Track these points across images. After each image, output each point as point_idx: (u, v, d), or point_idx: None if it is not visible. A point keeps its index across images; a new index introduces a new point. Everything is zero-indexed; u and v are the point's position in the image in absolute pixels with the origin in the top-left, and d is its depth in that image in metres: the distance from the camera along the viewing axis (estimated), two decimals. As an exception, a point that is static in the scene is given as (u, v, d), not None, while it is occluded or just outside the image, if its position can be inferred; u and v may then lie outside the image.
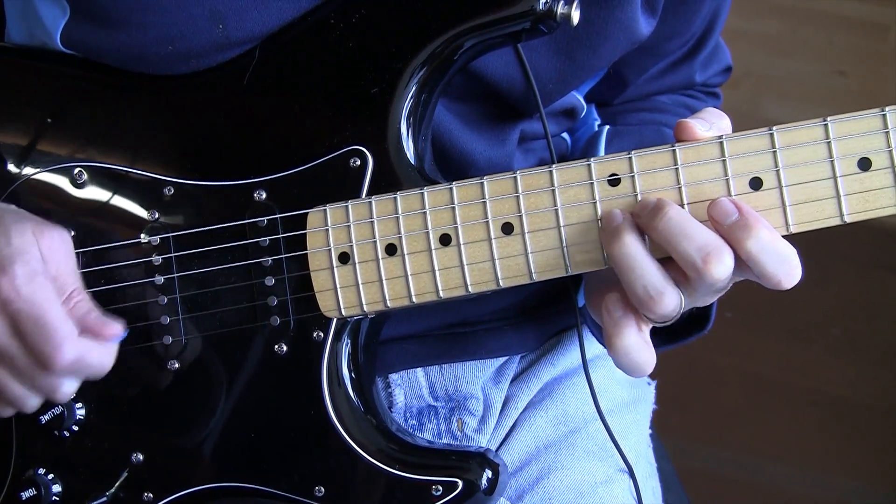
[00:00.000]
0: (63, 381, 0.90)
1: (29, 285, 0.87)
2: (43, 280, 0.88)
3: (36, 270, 0.88)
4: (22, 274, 0.87)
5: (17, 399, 0.92)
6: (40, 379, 0.90)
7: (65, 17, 0.99)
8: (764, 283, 0.83)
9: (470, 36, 0.92)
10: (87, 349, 0.89)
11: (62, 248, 0.93)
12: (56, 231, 0.93)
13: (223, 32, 0.96)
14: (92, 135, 1.00)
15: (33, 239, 0.90)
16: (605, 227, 0.85)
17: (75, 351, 0.88)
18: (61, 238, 0.93)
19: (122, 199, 0.99)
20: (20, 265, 0.88)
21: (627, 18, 1.00)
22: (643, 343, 0.86)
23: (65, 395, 0.92)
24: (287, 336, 0.95)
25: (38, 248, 0.90)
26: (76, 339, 0.88)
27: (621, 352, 0.85)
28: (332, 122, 0.94)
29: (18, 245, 0.89)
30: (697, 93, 1.27)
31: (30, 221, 0.92)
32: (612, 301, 0.86)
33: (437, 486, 0.92)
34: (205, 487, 0.97)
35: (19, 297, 0.87)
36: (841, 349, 2.60)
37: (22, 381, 0.90)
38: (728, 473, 2.39)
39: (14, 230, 0.90)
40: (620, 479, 1.11)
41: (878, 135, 0.82)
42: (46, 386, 0.90)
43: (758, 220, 0.81)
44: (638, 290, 0.83)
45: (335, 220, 0.93)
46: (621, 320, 0.85)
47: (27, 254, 0.89)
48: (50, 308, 0.88)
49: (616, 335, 0.85)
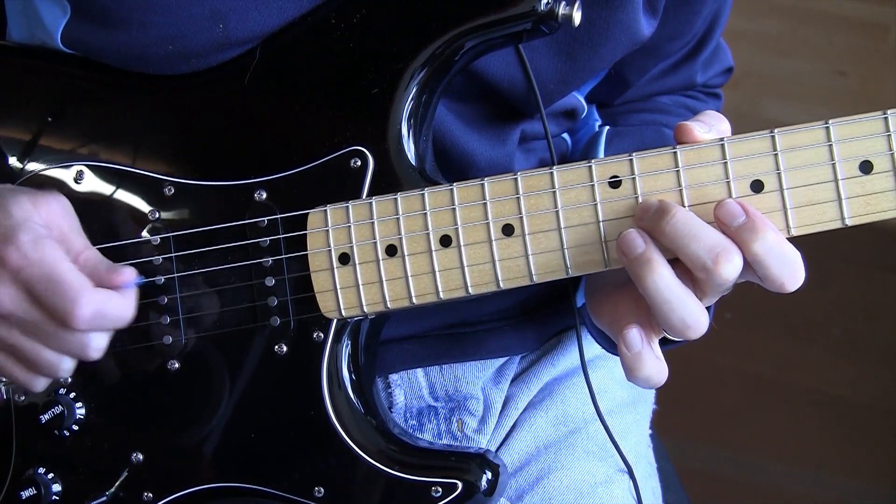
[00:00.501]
0: (90, 337, 0.90)
1: (36, 250, 0.88)
2: (49, 242, 0.89)
3: (40, 235, 0.89)
4: (27, 240, 0.88)
5: (50, 365, 0.92)
6: (67, 339, 0.90)
7: (65, 17, 0.99)
8: (767, 286, 0.83)
9: (471, 36, 0.91)
10: (105, 299, 0.89)
11: (61, 211, 0.93)
12: (52, 196, 0.93)
13: (223, 32, 0.95)
14: (92, 134, 1.00)
15: (32, 208, 0.91)
16: (630, 253, 0.84)
17: (93, 303, 0.88)
18: (58, 202, 0.94)
19: (123, 198, 0.99)
20: (24, 233, 0.88)
21: (629, 19, 1.00)
22: (661, 363, 0.86)
23: (96, 351, 0.91)
24: (287, 337, 0.95)
25: (38, 215, 0.91)
26: (92, 291, 0.88)
27: (643, 381, 0.86)
28: (332, 122, 0.94)
29: (19, 215, 0.90)
30: (698, 93, 1.27)
31: (25, 193, 0.93)
32: (631, 337, 0.86)
33: (437, 488, 0.92)
34: (205, 487, 0.97)
35: (29, 262, 0.87)
36: (841, 349, 2.61)
37: (51, 346, 0.91)
38: (728, 473, 2.39)
39: (12, 203, 0.91)
40: (620, 480, 1.11)
41: (879, 138, 0.82)
42: (76, 345, 0.90)
43: (764, 223, 0.81)
44: (675, 322, 0.83)
45: (335, 221, 0.93)
46: (642, 353, 0.85)
47: (29, 221, 0.90)
48: (61, 267, 0.88)
49: (638, 368, 0.86)
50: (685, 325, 0.83)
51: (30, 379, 0.94)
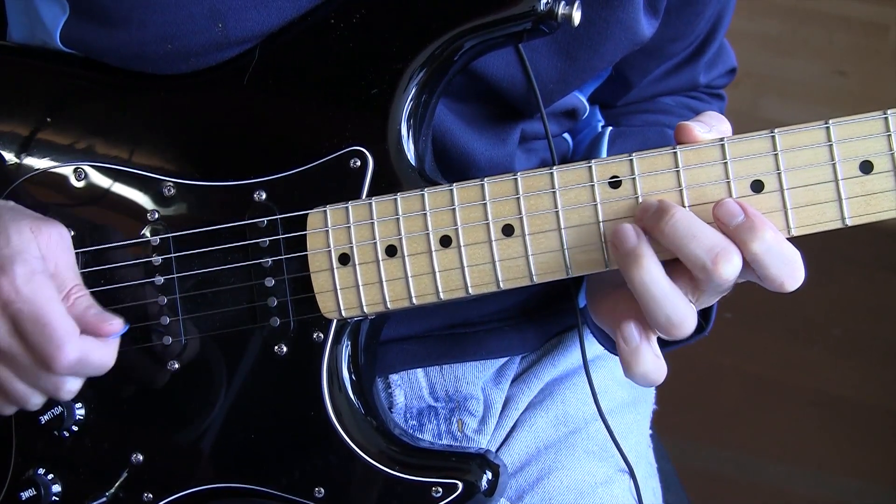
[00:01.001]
0: (66, 380, 0.90)
1: (29, 285, 0.87)
2: (42, 278, 0.88)
3: (35, 269, 0.88)
4: (21, 273, 0.87)
5: (20, 398, 0.92)
6: (43, 378, 0.90)
7: (64, 16, 0.99)
8: (767, 286, 0.83)
9: (471, 36, 0.91)
10: (89, 348, 0.89)
11: (60, 244, 0.93)
12: (54, 227, 0.93)
13: (222, 31, 0.95)
14: (92, 134, 1.00)
15: (31, 236, 0.90)
16: (621, 246, 0.84)
17: (77, 351, 0.88)
18: (59, 234, 0.93)
19: (122, 198, 0.99)
20: (19, 264, 0.88)
21: (629, 19, 0.99)
22: (659, 361, 0.87)
23: (68, 394, 0.91)
24: (287, 337, 0.95)
25: (36, 246, 0.90)
26: (78, 338, 0.88)
27: (641, 376, 0.86)
28: (332, 122, 0.94)
29: (17, 244, 0.89)
30: (702, 94, 1.27)
31: (27, 218, 0.92)
32: (628, 330, 0.86)
33: (437, 488, 0.92)
34: (205, 488, 0.97)
35: (19, 297, 0.87)
36: (841, 349, 2.61)
37: (24, 380, 0.90)
38: (728, 473, 2.39)
39: (12, 228, 0.90)
40: (621, 480, 1.11)
41: (880, 138, 0.82)
42: (49, 385, 0.90)
43: (763, 222, 0.81)
44: (660, 318, 0.83)
45: (335, 221, 0.93)
46: (639, 348, 0.86)
47: (26, 252, 0.89)
48: (51, 308, 0.87)
49: (635, 363, 0.86)
50: (670, 323, 0.83)
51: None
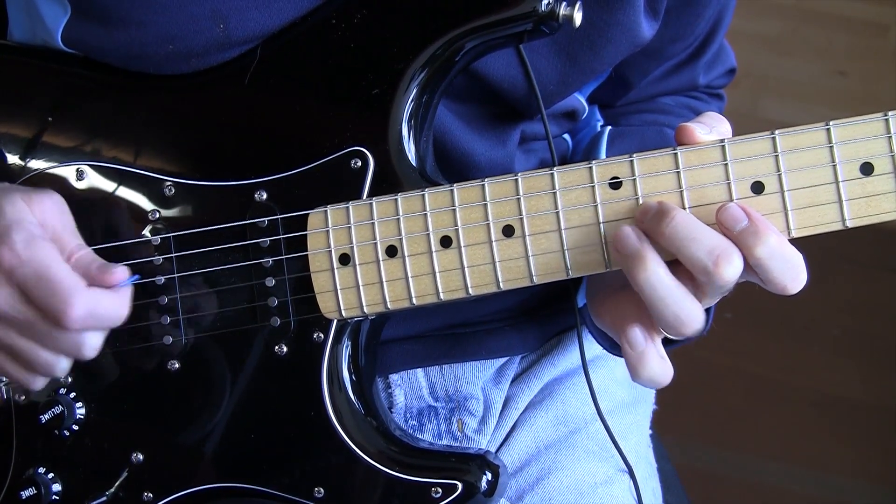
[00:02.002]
0: (85, 336, 0.90)
1: (29, 249, 0.88)
2: (42, 242, 0.89)
3: (34, 234, 0.89)
4: (20, 240, 0.88)
5: (46, 365, 0.92)
6: (62, 339, 0.90)
7: (66, 16, 0.99)
8: (770, 289, 0.83)
9: (471, 37, 0.91)
10: (98, 298, 0.89)
11: (55, 209, 0.93)
12: (46, 194, 0.93)
13: (224, 32, 0.95)
14: (93, 133, 1.00)
15: (25, 206, 0.91)
16: (623, 249, 0.84)
17: (86, 302, 0.88)
18: (52, 200, 0.93)
19: (123, 198, 0.99)
20: (17, 232, 0.88)
21: (629, 21, 0.99)
22: (665, 363, 0.87)
23: (91, 350, 0.91)
24: (287, 337, 0.95)
25: (31, 214, 0.91)
26: (85, 290, 0.88)
27: (648, 379, 0.86)
28: (333, 122, 0.94)
29: (12, 215, 0.90)
30: (701, 94, 1.27)
31: (19, 192, 0.93)
32: (633, 336, 0.86)
33: (437, 489, 0.92)
34: (205, 488, 0.97)
35: (22, 262, 0.87)
36: (841, 349, 2.61)
37: (46, 346, 0.91)
38: (728, 473, 2.39)
39: (6, 202, 0.91)
40: (621, 480, 1.11)
41: (880, 139, 0.82)
42: (70, 344, 0.90)
43: (767, 227, 0.81)
44: (669, 318, 0.83)
45: (336, 222, 0.93)
46: (645, 352, 0.86)
47: (23, 220, 0.90)
48: (54, 266, 0.88)
49: (642, 367, 0.86)
50: (679, 322, 0.83)
51: (28, 378, 0.94)
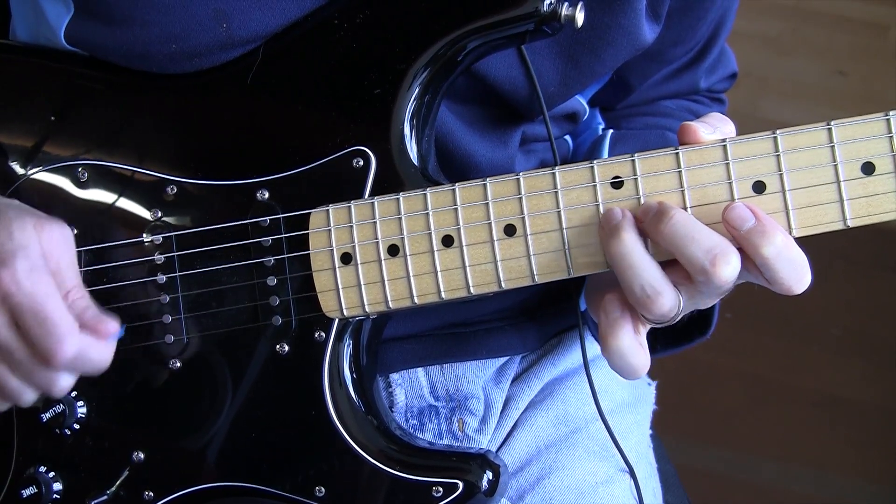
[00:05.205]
0: (60, 376, 0.90)
1: (29, 279, 0.87)
2: (43, 275, 0.88)
3: (37, 265, 0.88)
4: (22, 268, 0.87)
5: (13, 393, 0.91)
6: (38, 373, 0.90)
7: (69, 15, 0.99)
8: (774, 289, 0.83)
9: (474, 37, 0.91)
10: (88, 345, 0.89)
11: (63, 243, 0.92)
12: (57, 225, 0.92)
13: (227, 32, 0.95)
14: (95, 133, 1.00)
15: (34, 233, 0.90)
16: (604, 225, 0.86)
17: (76, 346, 0.88)
18: (62, 233, 0.93)
19: (125, 197, 0.99)
20: (21, 259, 0.88)
21: (631, 24, 0.99)
22: (637, 345, 0.86)
23: (61, 390, 0.91)
24: (289, 336, 0.95)
25: (38, 243, 0.90)
26: (77, 334, 0.88)
27: (615, 353, 0.86)
28: (335, 122, 0.94)
29: (20, 239, 0.89)
30: (703, 98, 1.27)
31: (31, 216, 0.92)
32: (609, 301, 0.86)
33: (438, 488, 0.92)
34: (205, 487, 0.97)
35: (20, 290, 0.87)
36: (841, 349, 2.61)
37: (19, 375, 0.90)
38: (728, 473, 2.39)
39: (16, 225, 0.90)
40: (621, 480, 1.11)
41: (882, 139, 0.82)
42: (44, 380, 0.90)
43: (774, 227, 0.81)
44: (636, 288, 0.83)
45: (338, 221, 0.93)
46: (618, 321, 0.86)
47: (28, 248, 0.89)
48: (51, 303, 0.87)
49: (611, 335, 0.86)
50: (645, 294, 0.83)
51: None
